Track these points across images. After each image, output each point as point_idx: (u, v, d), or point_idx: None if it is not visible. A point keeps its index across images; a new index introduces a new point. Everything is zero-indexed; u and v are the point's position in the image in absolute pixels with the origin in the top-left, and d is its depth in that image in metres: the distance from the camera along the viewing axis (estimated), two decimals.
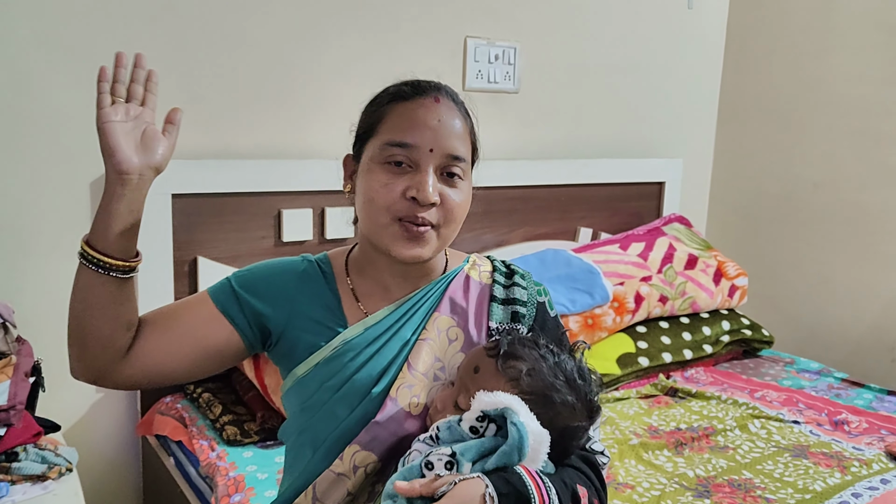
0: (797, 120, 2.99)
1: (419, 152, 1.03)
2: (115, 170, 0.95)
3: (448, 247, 1.17)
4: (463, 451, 0.89)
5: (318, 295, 1.10)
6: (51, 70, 1.85)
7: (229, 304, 1.08)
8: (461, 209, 1.06)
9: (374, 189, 1.03)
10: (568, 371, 0.98)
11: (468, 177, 1.09)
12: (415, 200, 1.02)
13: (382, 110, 1.08)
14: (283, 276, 1.11)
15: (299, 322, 1.08)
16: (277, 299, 1.09)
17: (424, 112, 1.05)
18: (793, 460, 1.85)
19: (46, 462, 1.63)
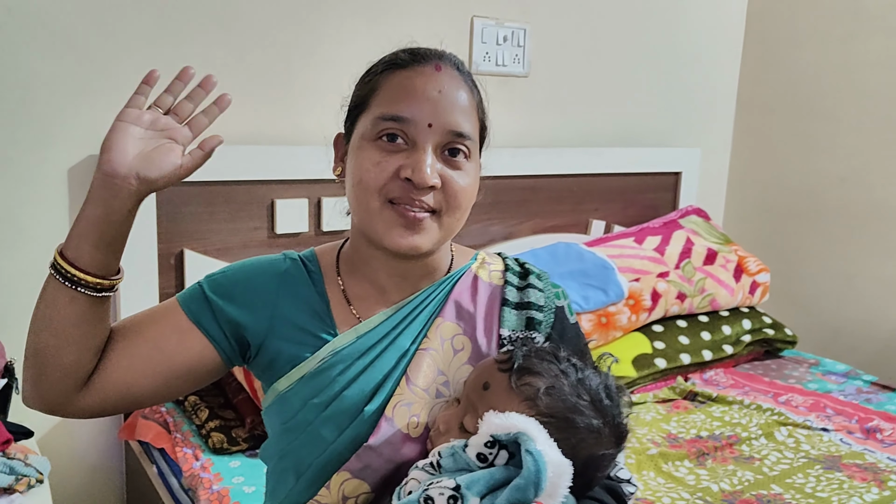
0: (822, 110, 2.84)
1: (416, 127, 0.89)
2: (101, 168, 0.83)
3: (453, 242, 1.03)
4: (469, 483, 0.75)
5: (302, 298, 0.96)
6: (23, 49, 1.71)
7: (201, 313, 0.94)
8: (466, 195, 0.91)
9: (365, 168, 0.89)
10: (593, 389, 0.83)
11: (475, 158, 0.94)
12: (410, 182, 0.87)
13: (375, 80, 0.94)
14: (262, 277, 0.97)
15: (281, 330, 0.94)
16: (256, 304, 0.94)
17: (423, 81, 0.90)
18: (825, 473, 1.71)
19: (14, 473, 1.49)
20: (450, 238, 0.95)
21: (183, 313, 0.94)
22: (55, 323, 0.85)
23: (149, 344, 0.92)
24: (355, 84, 0.97)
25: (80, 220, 0.84)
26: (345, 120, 0.98)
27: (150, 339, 0.92)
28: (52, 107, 1.76)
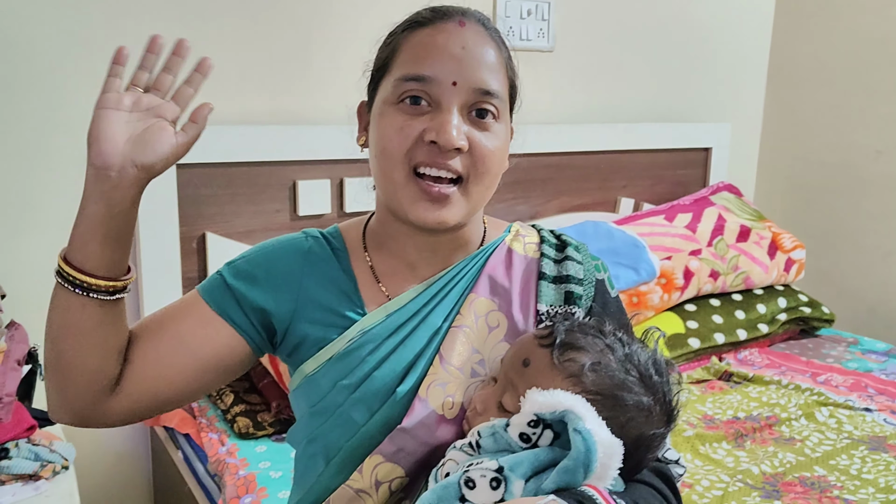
0: (857, 81, 2.74)
1: (440, 86, 0.83)
2: (92, 163, 0.77)
3: (485, 214, 0.98)
4: (513, 465, 0.71)
5: (328, 277, 0.91)
6: (41, 27, 1.68)
7: (226, 303, 0.89)
8: (494, 158, 0.86)
9: (387, 136, 0.84)
10: (642, 364, 0.78)
11: (504, 119, 0.88)
12: (435, 145, 0.82)
13: (396, 41, 0.89)
14: (285, 258, 0.92)
15: (307, 311, 0.89)
16: (280, 288, 0.90)
17: (446, 38, 0.85)
18: (870, 454, 1.65)
19: (39, 459, 1.48)
20: (479, 209, 0.90)
21: (206, 305, 0.89)
22: (71, 330, 0.81)
23: (175, 340, 0.87)
24: (378, 47, 0.92)
25: (81, 220, 0.79)
26: (367, 86, 0.93)
27: (175, 335, 0.87)
28: (65, 84, 1.73)
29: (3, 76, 1.66)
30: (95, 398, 0.84)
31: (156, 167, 0.79)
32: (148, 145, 0.78)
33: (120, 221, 0.79)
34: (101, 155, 0.76)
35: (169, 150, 0.79)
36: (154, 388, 0.86)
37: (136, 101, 0.80)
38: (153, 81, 0.82)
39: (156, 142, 0.78)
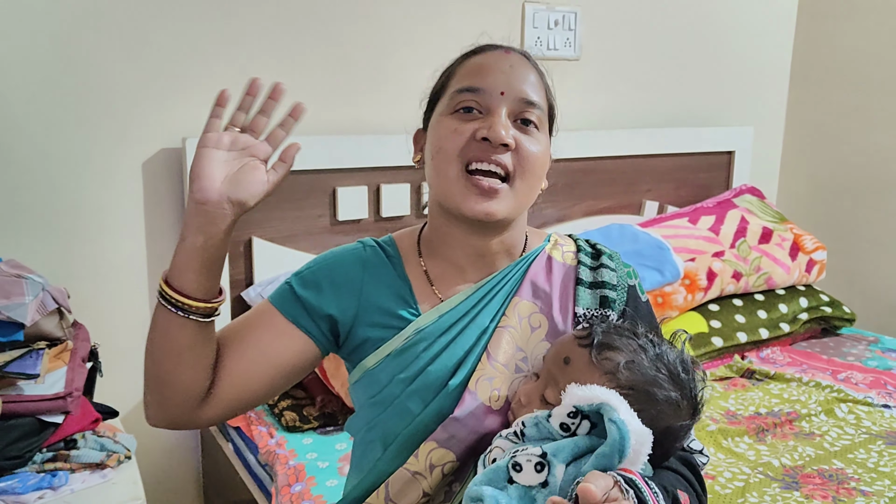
0: (880, 83, 2.79)
1: (490, 96, 0.95)
2: (193, 197, 0.87)
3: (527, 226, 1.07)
4: (555, 451, 0.80)
5: (385, 282, 1.01)
6: (100, 49, 1.79)
7: (297, 313, 0.99)
8: (537, 159, 0.96)
9: (443, 136, 0.95)
10: (671, 363, 0.87)
11: (544, 131, 0.99)
12: (486, 141, 0.93)
13: (452, 68, 1.02)
14: (345, 266, 1.02)
15: (368, 314, 0.99)
16: (343, 294, 1.00)
17: (494, 59, 0.98)
18: (887, 448, 1.72)
19: (105, 449, 1.59)
20: (523, 207, 1.00)
21: (280, 315, 0.99)
22: (171, 349, 0.91)
23: (255, 351, 0.97)
24: (435, 78, 1.02)
25: (181, 250, 0.88)
26: (424, 112, 1.03)
27: (254, 346, 0.97)
28: (127, 105, 1.85)
29: (71, 94, 1.77)
30: (190, 407, 0.94)
31: (248, 203, 0.89)
32: (241, 184, 0.87)
33: (214, 251, 0.88)
34: (201, 191, 0.86)
35: (260, 188, 0.89)
36: (239, 395, 0.97)
37: (234, 141, 0.89)
38: (249, 122, 0.91)
39: (249, 181, 0.88)
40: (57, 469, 1.51)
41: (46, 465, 1.52)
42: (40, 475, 1.49)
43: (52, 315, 1.57)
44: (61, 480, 1.50)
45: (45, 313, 1.55)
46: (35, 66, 1.73)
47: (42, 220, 1.79)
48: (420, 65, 2.15)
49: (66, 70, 1.76)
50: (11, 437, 1.47)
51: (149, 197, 1.91)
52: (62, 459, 1.54)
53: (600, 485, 0.70)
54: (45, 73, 1.74)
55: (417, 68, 2.14)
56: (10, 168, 1.74)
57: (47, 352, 1.55)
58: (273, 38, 1.99)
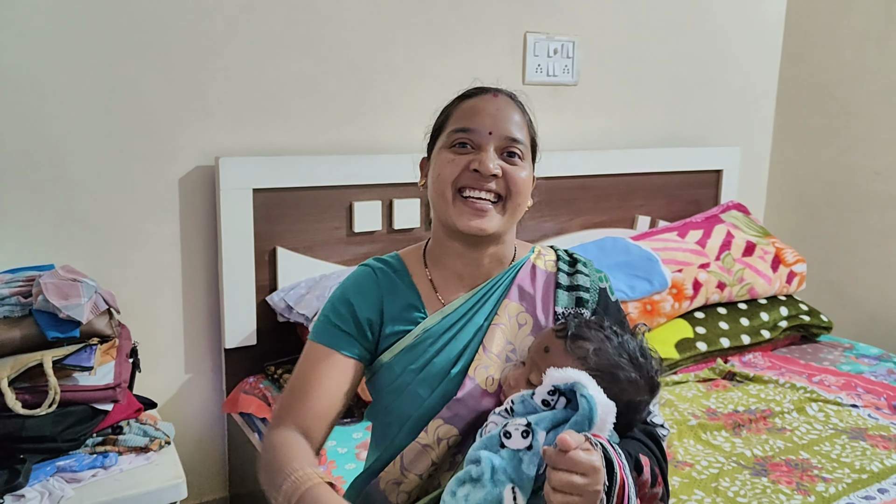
0: (857, 107, 2.99)
1: (480, 135, 1.14)
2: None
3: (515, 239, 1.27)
4: (537, 421, 0.99)
5: (397, 292, 1.21)
6: (142, 75, 2.00)
7: (344, 343, 1.17)
8: (523, 183, 1.16)
9: (442, 166, 1.15)
10: (631, 350, 1.07)
11: (528, 160, 1.19)
12: (477, 172, 1.13)
13: (449, 109, 1.21)
14: (366, 283, 1.21)
15: (387, 321, 1.19)
16: (370, 304, 1.19)
17: (484, 103, 1.17)
18: (850, 442, 1.90)
19: (148, 435, 1.79)
20: (512, 224, 1.20)
21: (326, 350, 1.17)
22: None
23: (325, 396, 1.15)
24: (435, 116, 1.22)
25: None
26: (427, 144, 1.23)
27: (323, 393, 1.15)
28: (165, 127, 2.05)
29: (116, 118, 1.99)
30: None
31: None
32: None
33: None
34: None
35: None
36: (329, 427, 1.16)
37: None
38: None
39: None
40: (107, 451, 1.71)
41: (97, 448, 1.71)
42: (93, 456, 1.69)
43: (103, 315, 1.78)
44: (111, 461, 1.69)
45: (98, 313, 1.75)
46: (85, 93, 1.94)
47: (90, 230, 2.00)
48: (429, 90, 2.38)
49: (111, 96, 1.97)
50: (68, 422, 1.67)
51: (184, 211, 2.11)
52: (111, 443, 1.74)
53: (574, 437, 0.90)
54: (93, 98, 1.95)
55: (427, 94, 2.37)
56: (62, 184, 1.94)
57: (99, 347, 1.75)
58: (297, 66, 2.20)
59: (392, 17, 2.32)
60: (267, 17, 2.14)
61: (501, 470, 0.96)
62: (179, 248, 2.13)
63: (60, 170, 1.94)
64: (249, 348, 2.19)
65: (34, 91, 1.88)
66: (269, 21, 2.14)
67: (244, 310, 2.15)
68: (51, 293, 1.69)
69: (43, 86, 1.89)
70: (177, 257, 2.13)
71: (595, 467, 0.89)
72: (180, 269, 2.14)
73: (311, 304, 2.06)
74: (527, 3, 2.55)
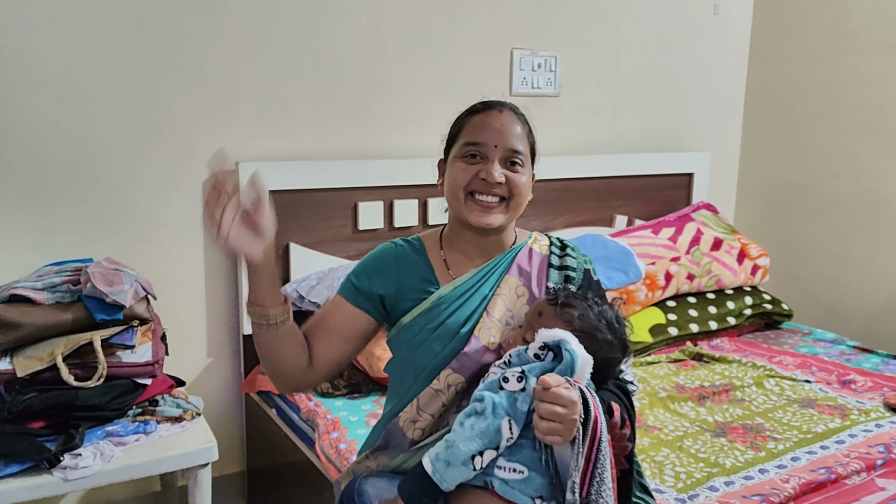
0: (816, 116, 3.27)
1: (487, 148, 1.39)
2: (247, 263, 1.29)
3: (516, 227, 1.51)
4: (530, 369, 1.23)
5: (414, 268, 1.45)
6: (171, 89, 2.23)
7: (359, 299, 1.43)
8: (524, 186, 1.41)
9: (457, 173, 1.40)
10: (608, 318, 1.31)
11: (528, 166, 1.43)
12: (484, 181, 1.37)
13: (462, 121, 1.45)
14: (386, 259, 1.46)
15: (404, 291, 1.43)
16: (387, 277, 1.44)
17: (491, 119, 1.41)
18: (800, 410, 2.16)
19: (181, 407, 2.01)
20: (514, 219, 1.45)
21: (346, 302, 1.43)
22: (272, 351, 1.37)
23: (337, 331, 1.42)
24: (450, 126, 1.46)
25: (252, 283, 1.31)
26: (444, 150, 1.47)
27: (335, 328, 1.42)
28: (190, 134, 2.28)
29: (147, 125, 2.21)
30: (300, 377, 1.41)
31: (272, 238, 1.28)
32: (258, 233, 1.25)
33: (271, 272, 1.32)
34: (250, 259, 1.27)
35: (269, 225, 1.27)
36: (330, 361, 1.43)
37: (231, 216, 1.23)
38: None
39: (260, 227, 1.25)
40: (147, 420, 1.94)
41: (138, 417, 1.94)
42: (135, 423, 1.91)
43: (143, 300, 2.00)
44: (152, 428, 1.92)
45: (138, 299, 1.97)
46: (121, 104, 2.17)
47: (124, 227, 2.22)
48: (426, 101, 2.63)
49: (145, 107, 2.20)
50: (114, 393, 1.89)
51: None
52: (150, 413, 1.96)
53: (555, 377, 1.14)
54: (129, 109, 2.18)
55: (424, 104, 2.62)
56: (101, 185, 2.17)
57: (139, 329, 1.97)
58: (307, 80, 2.44)
59: (392, 35, 2.57)
60: (281, 37, 2.37)
61: (500, 406, 1.20)
62: (203, 245, 2.35)
63: (99, 173, 2.17)
64: None
65: (76, 102, 2.11)
66: (283, 40, 2.38)
67: None
68: (98, 280, 1.91)
69: (84, 97, 2.12)
70: (200, 253, 2.36)
71: (573, 400, 1.14)
72: (203, 263, 2.37)
73: (321, 293, 2.28)
74: (513, 22, 2.81)
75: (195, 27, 2.24)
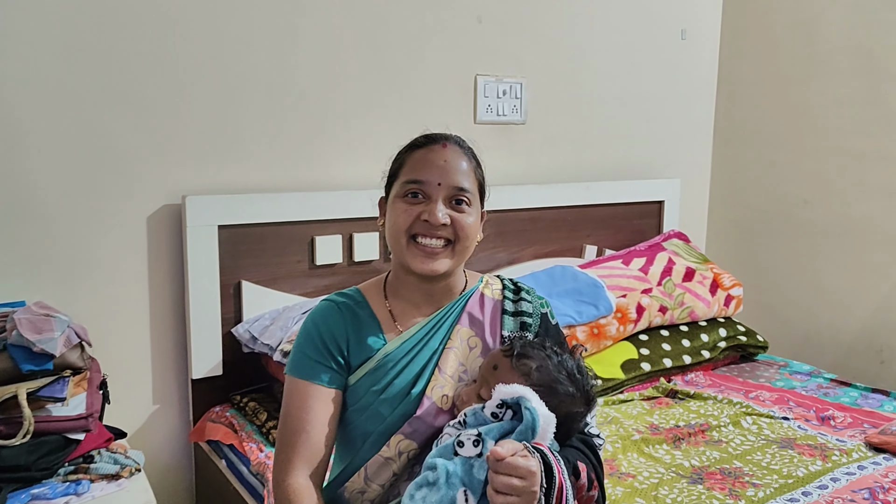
0: (786, 141, 3.22)
1: (430, 186, 1.27)
2: None
3: (465, 269, 1.40)
4: (487, 431, 1.12)
5: (359, 323, 1.33)
6: (111, 116, 2.10)
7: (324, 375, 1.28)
8: (471, 229, 1.29)
9: (397, 215, 1.28)
10: (569, 368, 1.20)
11: (475, 205, 1.32)
12: (427, 222, 1.26)
13: (402, 157, 1.34)
14: (332, 317, 1.32)
15: (353, 348, 1.31)
16: (338, 335, 1.31)
17: (434, 155, 1.30)
18: (779, 451, 2.06)
19: (118, 463, 1.86)
20: (461, 263, 1.33)
21: (311, 384, 1.27)
22: None
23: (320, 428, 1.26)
24: (390, 162, 1.35)
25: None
26: (384, 187, 1.36)
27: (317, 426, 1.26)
28: (134, 167, 2.15)
29: (86, 157, 2.08)
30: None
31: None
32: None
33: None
34: None
35: None
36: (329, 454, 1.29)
37: None
38: None
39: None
40: (79, 479, 1.78)
41: (70, 477, 1.78)
42: (65, 484, 1.76)
43: (76, 348, 1.85)
44: (84, 488, 1.76)
45: (70, 346, 1.83)
46: (58, 136, 2.03)
47: (62, 267, 2.08)
48: (385, 129, 2.52)
49: (83, 138, 2.07)
50: (42, 451, 1.74)
51: (152, 247, 2.20)
52: (83, 471, 1.80)
53: (507, 447, 1.02)
54: (66, 141, 2.04)
55: (383, 132, 2.52)
56: (34, 222, 2.03)
57: (71, 379, 1.82)
58: (258, 107, 2.32)
59: (348, 59, 2.46)
60: (230, 62, 2.26)
61: (455, 475, 1.08)
62: (147, 283, 2.21)
63: (32, 209, 2.02)
64: (215, 378, 2.27)
65: (8, 134, 1.97)
66: (232, 65, 2.26)
67: (210, 341, 2.24)
68: (25, 328, 1.76)
69: (17, 129, 1.98)
70: (145, 292, 2.21)
71: (531, 471, 1.02)
72: (148, 303, 2.22)
73: (274, 334, 2.15)
74: (477, 47, 2.72)
75: (137, 51, 2.11)
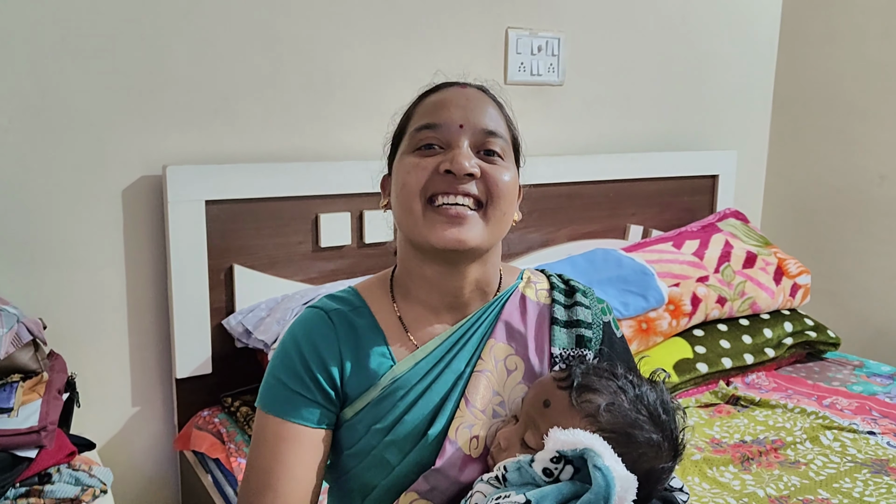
0: (860, 107, 2.83)
1: (449, 130, 0.92)
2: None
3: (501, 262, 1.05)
4: (539, 498, 0.78)
5: (358, 338, 0.97)
6: (77, 75, 1.78)
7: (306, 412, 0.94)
8: (507, 186, 0.93)
9: (406, 173, 0.92)
10: (651, 404, 0.86)
11: (510, 159, 0.97)
12: (450, 174, 0.90)
13: (410, 110, 1.00)
14: (319, 332, 0.97)
15: (349, 371, 0.96)
16: (328, 356, 0.96)
17: (451, 95, 0.96)
18: (872, 477, 1.71)
19: (80, 484, 1.57)
20: (497, 238, 0.96)
21: (287, 424, 0.93)
22: None
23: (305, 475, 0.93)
24: (394, 121, 1.01)
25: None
26: (388, 157, 1.01)
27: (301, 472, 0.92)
28: (106, 133, 1.83)
29: (49, 122, 1.76)
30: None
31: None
32: None
33: None
34: None
35: None
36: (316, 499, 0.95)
37: None
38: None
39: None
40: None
41: (19, 501, 1.48)
42: None
43: (27, 347, 1.55)
44: None
45: (20, 346, 1.52)
46: (9, 95, 1.71)
47: (17, 249, 1.77)
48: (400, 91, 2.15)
49: (43, 97, 1.75)
50: None
51: (128, 226, 1.88)
52: (35, 495, 1.51)
53: None
54: (20, 100, 1.72)
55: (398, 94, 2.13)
56: None
57: (21, 385, 1.53)
58: (252, 65, 1.99)
59: (358, 13, 2.11)
60: (217, 11, 1.92)
61: None
62: (124, 268, 1.90)
63: None
64: (204, 377, 1.96)
65: None
66: (220, 15, 1.92)
67: (197, 335, 1.92)
68: None
69: None
70: (121, 278, 1.90)
71: None
72: (125, 290, 1.91)
73: (271, 328, 1.84)
74: None
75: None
